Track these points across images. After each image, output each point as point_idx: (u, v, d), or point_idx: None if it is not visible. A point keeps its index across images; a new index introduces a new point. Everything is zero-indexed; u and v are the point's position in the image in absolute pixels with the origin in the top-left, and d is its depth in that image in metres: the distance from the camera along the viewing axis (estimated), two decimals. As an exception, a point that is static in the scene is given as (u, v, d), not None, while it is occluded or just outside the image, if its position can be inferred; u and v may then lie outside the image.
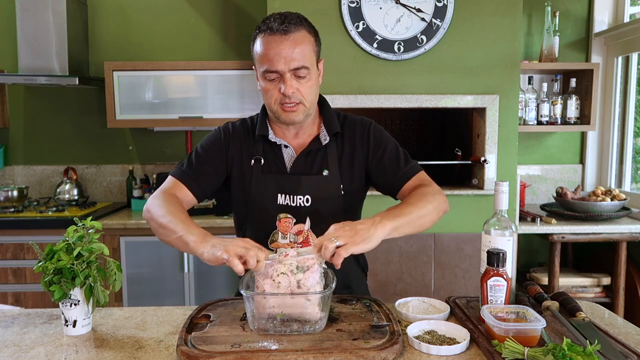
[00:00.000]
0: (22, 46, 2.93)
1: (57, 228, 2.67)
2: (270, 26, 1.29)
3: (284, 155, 1.43)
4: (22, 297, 2.75)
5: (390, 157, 1.44)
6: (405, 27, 2.59)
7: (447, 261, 2.70)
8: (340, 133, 1.44)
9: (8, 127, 3.28)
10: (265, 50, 1.30)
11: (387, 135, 1.48)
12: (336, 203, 1.40)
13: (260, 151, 1.42)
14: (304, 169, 1.41)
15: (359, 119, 1.49)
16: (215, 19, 3.26)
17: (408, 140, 3.22)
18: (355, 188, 1.45)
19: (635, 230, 2.72)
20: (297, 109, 1.34)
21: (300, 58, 1.29)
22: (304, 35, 1.31)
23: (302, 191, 1.38)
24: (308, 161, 1.41)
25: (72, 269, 1.15)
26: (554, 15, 3.09)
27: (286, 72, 1.30)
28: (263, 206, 1.40)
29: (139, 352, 1.09)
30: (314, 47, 1.35)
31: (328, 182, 1.40)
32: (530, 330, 1.04)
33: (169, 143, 3.34)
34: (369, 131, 1.46)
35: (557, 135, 3.33)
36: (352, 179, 1.43)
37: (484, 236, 1.23)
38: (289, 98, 1.32)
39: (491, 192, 2.62)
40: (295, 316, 1.10)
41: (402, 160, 1.44)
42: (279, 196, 1.39)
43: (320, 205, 1.38)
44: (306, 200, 1.38)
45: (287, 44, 1.28)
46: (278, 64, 1.29)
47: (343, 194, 1.41)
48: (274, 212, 1.38)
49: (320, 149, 1.42)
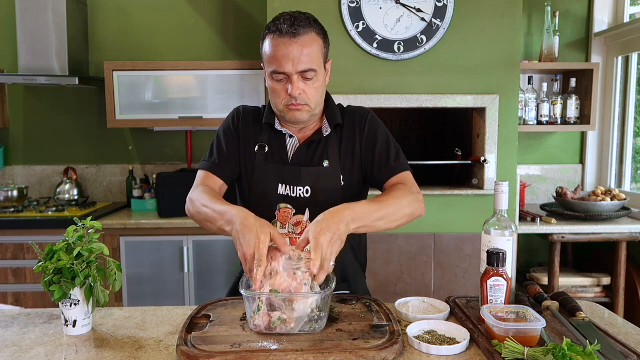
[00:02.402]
0: (22, 46, 2.93)
1: (57, 228, 2.67)
2: (279, 28, 1.31)
3: (287, 145, 1.44)
4: (22, 297, 2.75)
5: (381, 149, 1.44)
6: (405, 27, 2.59)
7: (447, 261, 2.70)
8: (341, 125, 1.45)
9: (8, 127, 3.29)
10: (273, 52, 1.32)
11: (383, 128, 1.49)
12: (336, 194, 1.41)
13: (265, 139, 1.45)
14: (305, 159, 1.43)
15: (357, 109, 1.51)
16: (215, 18, 3.26)
17: (408, 140, 3.22)
18: (356, 179, 1.46)
19: (635, 230, 2.72)
20: (302, 109, 1.36)
21: (307, 61, 1.31)
22: (312, 37, 1.33)
23: (302, 182, 1.40)
24: (309, 152, 1.43)
25: (72, 269, 1.15)
26: (554, 15, 3.09)
27: (293, 74, 1.31)
28: (264, 194, 1.41)
29: (139, 352, 1.09)
30: (322, 49, 1.36)
31: (328, 173, 1.41)
32: (530, 330, 1.04)
33: (169, 143, 3.34)
34: (365, 120, 1.47)
35: (557, 135, 3.33)
36: (352, 170, 1.44)
37: (484, 236, 1.23)
38: (295, 99, 1.34)
39: (491, 192, 2.62)
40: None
41: (393, 155, 1.45)
42: (279, 186, 1.41)
43: (320, 197, 1.39)
44: (306, 192, 1.39)
45: (295, 47, 1.30)
46: (286, 66, 1.31)
47: (343, 185, 1.42)
48: (274, 202, 1.40)
49: (321, 140, 1.43)
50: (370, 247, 2.65)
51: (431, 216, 2.67)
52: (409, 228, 2.64)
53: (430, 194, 2.65)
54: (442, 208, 2.67)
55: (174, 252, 2.78)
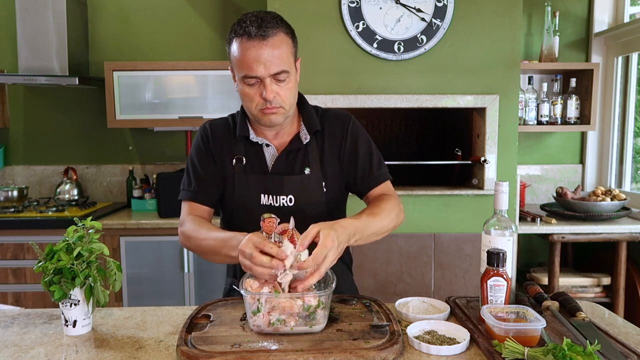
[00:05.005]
0: (22, 46, 2.93)
1: (57, 228, 2.67)
2: (247, 30, 1.26)
3: (266, 155, 1.43)
4: (22, 297, 2.75)
5: (364, 157, 1.45)
6: (405, 27, 2.59)
7: (447, 261, 2.70)
8: (320, 131, 1.43)
9: (8, 127, 3.28)
10: (243, 56, 1.27)
11: (365, 134, 1.48)
12: (319, 201, 1.41)
13: (242, 150, 1.42)
14: (285, 168, 1.41)
15: (338, 113, 1.49)
16: (215, 19, 3.26)
17: (408, 140, 3.22)
18: (337, 185, 1.45)
19: (635, 230, 2.72)
20: (277, 111, 1.33)
21: (279, 62, 1.28)
22: (281, 38, 1.29)
23: (285, 191, 1.38)
24: (289, 160, 1.41)
25: (72, 269, 1.15)
26: (554, 15, 3.09)
27: (266, 77, 1.28)
28: (247, 206, 1.40)
29: (139, 352, 1.09)
30: (291, 48, 1.33)
31: (310, 180, 1.40)
32: (530, 330, 1.04)
33: (169, 143, 3.34)
34: (347, 126, 1.45)
35: (557, 135, 3.33)
36: (334, 177, 1.44)
37: (484, 236, 1.23)
38: (269, 103, 1.31)
39: (491, 192, 2.62)
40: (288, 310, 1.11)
41: (376, 163, 1.45)
42: (262, 196, 1.39)
43: (304, 204, 1.38)
44: (289, 200, 1.38)
45: (266, 49, 1.26)
46: (257, 70, 1.27)
47: (325, 192, 1.42)
48: (257, 213, 1.35)
49: (300, 147, 1.42)
50: (370, 247, 2.67)
51: (431, 216, 2.67)
52: (409, 228, 2.67)
53: (430, 194, 2.65)
54: (442, 208, 2.67)
55: (174, 252, 2.78)
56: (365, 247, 2.65)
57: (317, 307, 1.10)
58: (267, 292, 1.13)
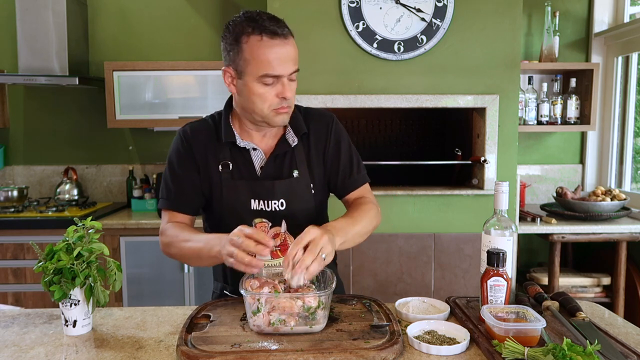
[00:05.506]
0: (22, 46, 2.93)
1: (57, 228, 2.67)
2: (270, 29, 1.26)
3: (253, 159, 1.40)
4: (22, 297, 2.75)
5: (345, 159, 1.46)
6: (405, 27, 2.59)
7: (447, 261, 2.70)
8: (306, 133, 1.43)
9: (8, 127, 3.28)
10: (266, 55, 1.25)
11: (346, 135, 1.49)
12: (309, 203, 1.41)
13: (227, 156, 1.38)
14: (274, 172, 1.39)
15: (320, 113, 1.49)
16: (215, 19, 3.26)
17: (408, 140, 3.22)
18: (322, 186, 1.46)
19: (635, 230, 2.72)
20: (288, 111, 1.34)
21: (296, 61, 1.31)
22: (292, 39, 1.31)
23: (276, 196, 1.37)
24: (277, 164, 1.40)
25: (72, 269, 1.15)
26: (554, 15, 3.09)
27: (286, 76, 1.29)
28: (236, 212, 1.36)
29: (139, 352, 1.09)
30: None
31: (300, 183, 1.39)
32: (530, 330, 1.04)
33: (169, 143, 3.29)
34: (330, 127, 1.46)
35: (557, 135, 3.33)
36: (320, 178, 1.44)
37: (484, 236, 1.23)
38: (286, 102, 1.31)
39: (491, 192, 2.62)
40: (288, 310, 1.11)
41: (356, 165, 1.47)
42: (252, 202, 1.36)
43: (295, 207, 1.38)
44: (281, 204, 1.37)
45: (288, 48, 1.28)
46: (281, 69, 1.27)
47: (314, 193, 1.42)
48: (247, 218, 1.35)
49: (288, 151, 1.40)
50: (370, 247, 2.67)
51: (431, 216, 2.67)
52: (409, 228, 2.67)
53: (430, 194, 2.65)
54: (442, 208, 2.67)
55: (174, 252, 2.78)
56: (365, 247, 2.66)
57: (317, 307, 1.10)
58: (267, 292, 1.13)
